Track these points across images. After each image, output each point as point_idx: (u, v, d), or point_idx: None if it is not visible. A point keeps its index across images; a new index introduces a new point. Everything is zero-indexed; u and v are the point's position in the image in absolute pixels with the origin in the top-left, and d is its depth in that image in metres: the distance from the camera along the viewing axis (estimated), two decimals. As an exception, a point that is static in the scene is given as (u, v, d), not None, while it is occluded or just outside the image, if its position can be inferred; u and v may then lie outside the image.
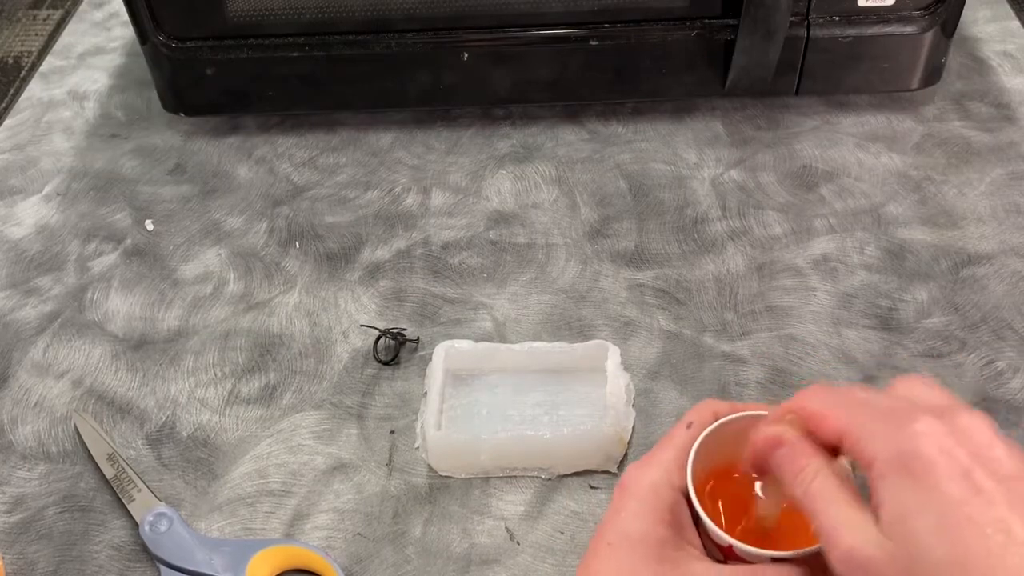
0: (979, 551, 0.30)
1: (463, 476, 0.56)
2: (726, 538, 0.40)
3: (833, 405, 0.37)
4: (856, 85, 0.74)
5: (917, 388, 0.37)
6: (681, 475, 0.42)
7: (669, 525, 0.41)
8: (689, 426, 0.43)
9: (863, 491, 0.35)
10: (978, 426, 0.33)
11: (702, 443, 0.42)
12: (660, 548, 0.41)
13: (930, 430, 0.33)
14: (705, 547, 0.42)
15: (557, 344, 0.60)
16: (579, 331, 0.63)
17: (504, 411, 0.57)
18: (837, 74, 0.73)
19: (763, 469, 0.40)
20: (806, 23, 0.70)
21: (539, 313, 0.65)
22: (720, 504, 0.44)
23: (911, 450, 0.33)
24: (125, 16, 0.71)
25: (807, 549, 0.39)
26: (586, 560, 0.42)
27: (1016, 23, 0.87)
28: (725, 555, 0.42)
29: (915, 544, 0.32)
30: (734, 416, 0.43)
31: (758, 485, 0.43)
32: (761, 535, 0.42)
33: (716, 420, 0.43)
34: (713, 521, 0.41)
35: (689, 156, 0.76)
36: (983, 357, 0.61)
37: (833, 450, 0.37)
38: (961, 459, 0.32)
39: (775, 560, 0.40)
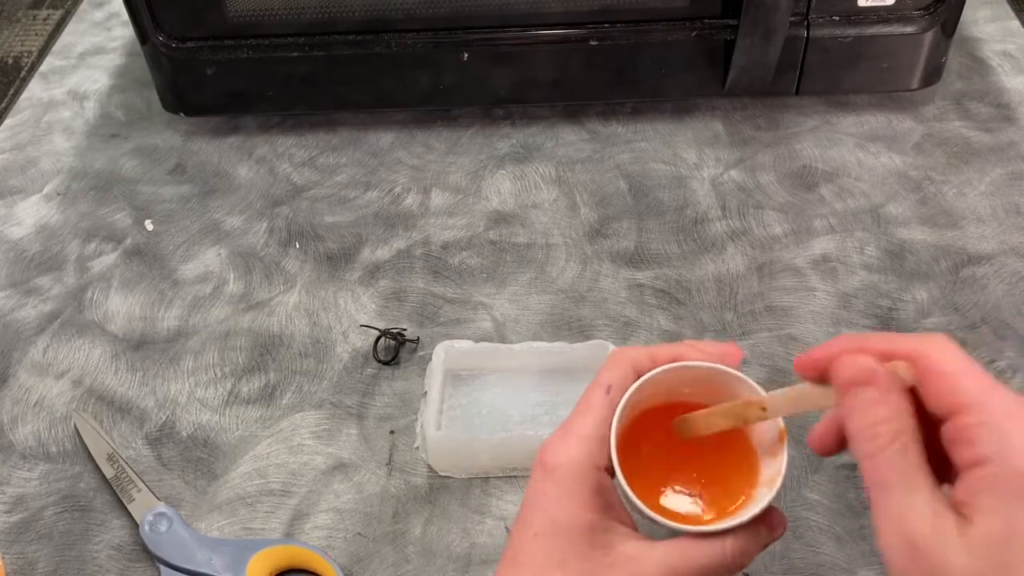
0: None
1: (463, 476, 0.56)
2: (657, 518, 0.39)
3: (967, 371, 0.32)
4: (856, 85, 0.74)
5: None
6: (604, 450, 0.39)
7: (596, 508, 0.39)
8: (608, 390, 0.40)
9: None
10: None
11: (625, 407, 0.40)
12: (589, 533, 0.39)
13: None
14: (633, 516, 0.41)
15: (557, 344, 0.60)
16: (579, 331, 0.63)
17: (504, 411, 0.57)
18: (837, 74, 0.73)
19: (810, 377, 0.35)
20: (806, 23, 0.70)
21: (539, 313, 0.65)
22: (646, 455, 0.41)
23: None
24: (125, 16, 0.71)
25: (739, 519, 0.38)
26: (512, 546, 0.40)
27: (1016, 23, 0.87)
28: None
29: (1008, 573, 0.29)
30: (656, 372, 0.40)
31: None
32: (694, 478, 0.41)
33: (637, 377, 0.40)
34: (641, 477, 0.39)
35: (689, 156, 0.76)
36: (983, 357, 0.61)
37: (925, 418, 0.32)
38: None
39: (708, 534, 0.39)
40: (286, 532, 0.54)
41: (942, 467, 0.32)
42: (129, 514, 0.55)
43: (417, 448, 0.57)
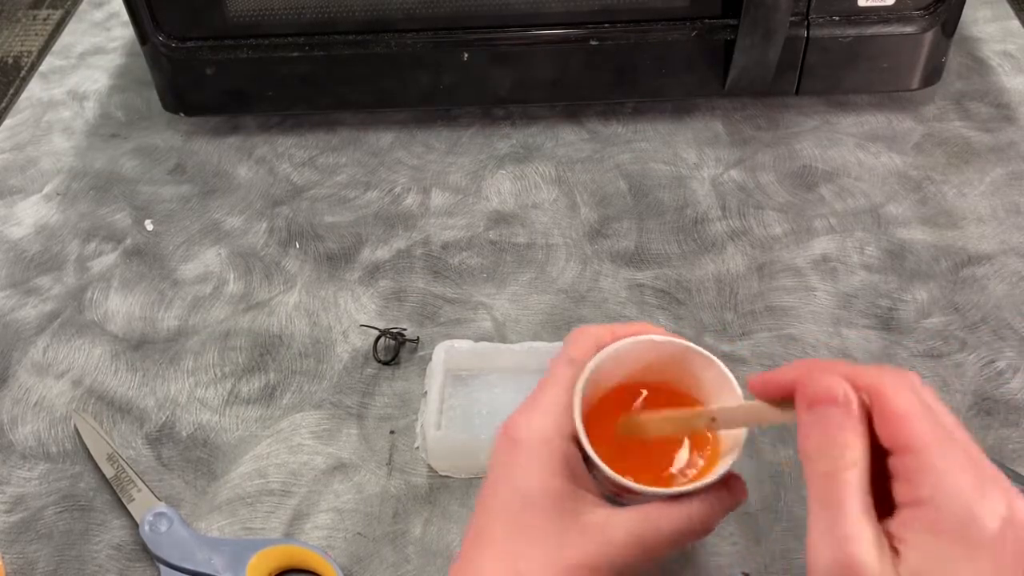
0: None
1: (463, 476, 0.56)
2: (622, 481, 0.39)
3: (918, 413, 0.33)
4: (856, 85, 0.74)
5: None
6: (569, 419, 0.40)
7: (562, 476, 0.40)
8: (571, 362, 0.41)
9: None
10: None
11: (588, 379, 0.41)
12: (555, 502, 0.39)
13: (1006, 512, 0.30)
14: (600, 487, 0.41)
15: (557, 344, 0.60)
16: (579, 331, 0.63)
17: (504, 411, 0.57)
18: (837, 74, 0.73)
19: (769, 396, 0.37)
20: (806, 23, 0.70)
21: (539, 313, 0.65)
22: (611, 432, 0.42)
23: (982, 520, 0.30)
24: (125, 16, 0.71)
25: (704, 481, 0.39)
26: (478, 521, 0.40)
27: (1016, 23, 0.87)
28: (620, 493, 0.41)
29: None
30: (619, 345, 0.42)
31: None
32: (656, 453, 0.42)
33: (598, 350, 0.41)
34: (606, 450, 0.40)
35: (689, 156, 0.76)
36: (983, 357, 0.61)
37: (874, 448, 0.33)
38: (1008, 552, 0.30)
39: (672, 496, 0.40)
40: (286, 532, 0.54)
41: (879, 500, 0.33)
42: (129, 514, 0.55)
43: (417, 448, 0.57)
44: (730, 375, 0.42)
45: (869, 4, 0.69)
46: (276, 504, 0.56)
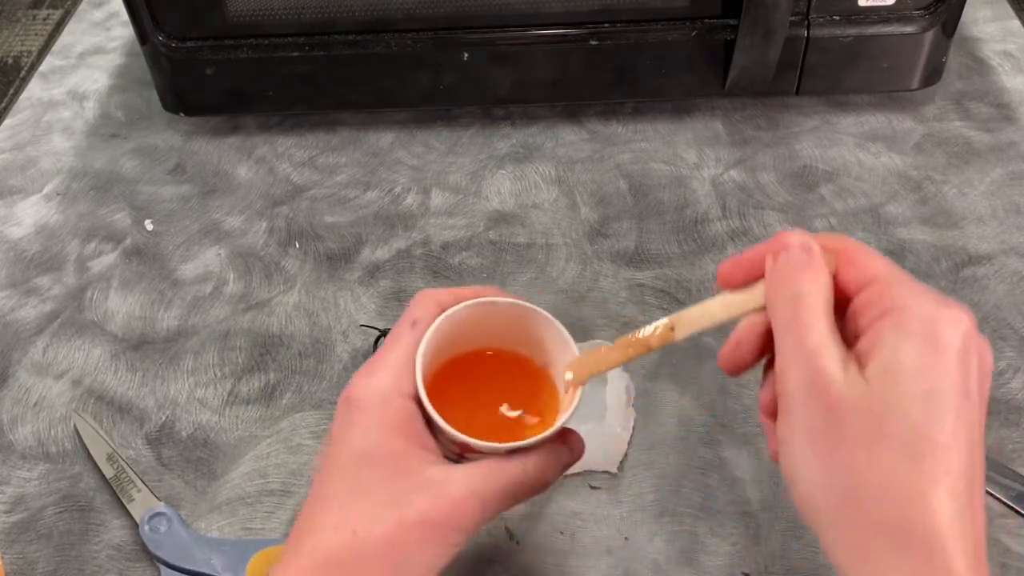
0: (945, 440, 0.30)
1: (463, 476, 0.56)
2: (461, 437, 0.39)
3: (879, 257, 0.35)
4: (856, 85, 0.74)
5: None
6: (410, 379, 0.40)
7: (402, 435, 0.40)
8: (414, 324, 0.41)
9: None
10: (990, 353, 0.33)
11: (430, 340, 0.41)
12: (394, 460, 0.39)
13: (967, 327, 0.32)
14: (441, 448, 0.41)
15: (557, 344, 0.60)
16: (579, 331, 0.63)
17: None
18: (837, 74, 0.73)
19: (738, 278, 0.38)
20: (806, 23, 0.70)
21: (539, 313, 0.65)
22: (459, 393, 0.42)
23: (943, 326, 0.31)
24: (125, 16, 0.71)
25: (541, 435, 0.40)
26: (317, 488, 0.40)
27: (1016, 23, 0.87)
28: (463, 452, 0.41)
29: (893, 402, 0.31)
30: (460, 307, 0.42)
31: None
32: (499, 416, 0.42)
33: (442, 312, 0.42)
34: (454, 414, 0.40)
35: (689, 156, 0.76)
36: (983, 357, 0.61)
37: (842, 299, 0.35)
38: (972, 364, 0.31)
39: (511, 451, 0.40)
40: (286, 532, 0.54)
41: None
42: (129, 514, 0.55)
43: (417, 448, 0.57)
44: (567, 334, 0.42)
45: (869, 4, 0.69)
46: (276, 504, 0.56)
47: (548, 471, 0.41)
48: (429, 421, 0.40)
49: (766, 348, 0.38)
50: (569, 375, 0.42)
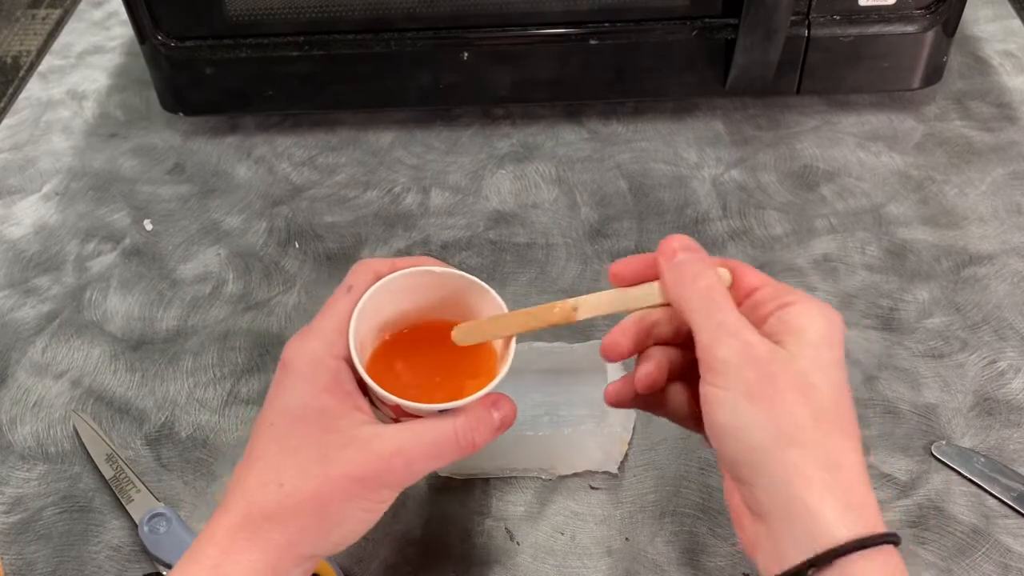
0: (848, 400, 0.38)
1: (463, 476, 0.56)
2: (391, 397, 0.41)
3: (757, 271, 0.42)
4: (857, 84, 0.74)
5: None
6: (344, 343, 0.41)
7: (332, 395, 0.41)
8: (350, 290, 0.43)
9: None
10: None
11: (365, 305, 0.42)
12: (323, 419, 0.40)
13: (840, 317, 0.40)
14: (379, 416, 0.43)
15: (557, 344, 0.60)
16: (579, 331, 0.63)
17: (504, 411, 0.57)
18: (838, 73, 0.73)
19: (627, 277, 0.43)
20: (807, 22, 0.69)
21: (539, 313, 0.65)
22: (399, 362, 0.43)
23: (833, 316, 0.40)
24: (124, 15, 0.71)
25: (470, 397, 0.42)
26: (249, 448, 0.41)
27: (1017, 22, 0.87)
28: (396, 415, 0.42)
29: (813, 364, 0.38)
30: (397, 274, 0.43)
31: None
32: (444, 385, 0.43)
33: (378, 280, 0.43)
34: (394, 382, 0.41)
35: (690, 156, 0.76)
36: (984, 357, 0.60)
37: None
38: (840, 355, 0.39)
39: (441, 412, 0.42)
40: (285, 533, 0.54)
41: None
42: (128, 515, 0.54)
43: (417, 448, 0.57)
44: (502, 302, 0.44)
45: (870, 3, 0.69)
46: (275, 505, 0.55)
47: (477, 432, 0.42)
48: (364, 386, 0.42)
49: (644, 341, 0.43)
50: (455, 334, 0.43)
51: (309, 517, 0.39)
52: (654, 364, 0.43)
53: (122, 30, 0.92)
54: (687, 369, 0.44)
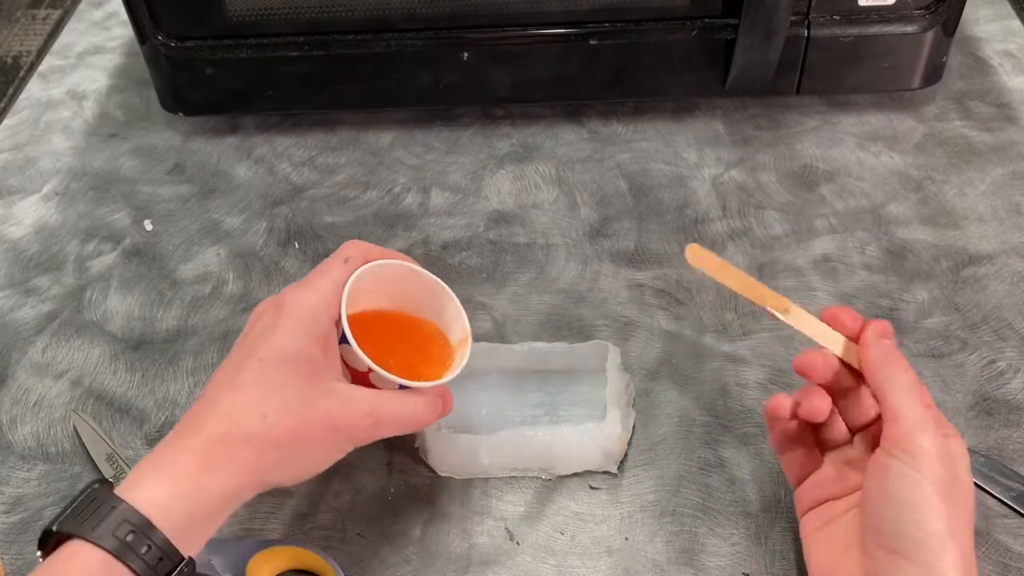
0: (961, 516, 0.42)
1: (463, 476, 0.56)
2: (368, 362, 0.46)
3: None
4: (857, 84, 0.74)
5: None
6: (336, 306, 0.46)
7: (321, 347, 0.45)
8: (346, 261, 0.48)
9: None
10: None
11: (357, 279, 0.47)
12: (310, 366, 0.45)
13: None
14: (346, 374, 0.47)
15: (557, 344, 0.60)
16: (579, 331, 0.63)
17: (504, 411, 0.57)
18: (838, 73, 0.73)
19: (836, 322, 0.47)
20: (807, 22, 0.70)
21: (539, 313, 0.65)
22: (367, 337, 0.47)
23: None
24: (124, 15, 0.71)
25: (433, 382, 0.48)
26: (229, 373, 0.45)
27: (1017, 22, 0.87)
28: (358, 380, 0.47)
29: (947, 473, 0.42)
30: (384, 262, 0.49)
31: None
32: (398, 367, 0.48)
33: (368, 262, 0.48)
34: (367, 350, 0.46)
35: (689, 156, 0.76)
36: (984, 357, 0.61)
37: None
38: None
39: (402, 387, 0.47)
40: (286, 532, 0.54)
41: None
42: (128, 515, 0.54)
43: (417, 448, 0.57)
44: (461, 310, 0.51)
45: (870, 3, 0.69)
46: (276, 504, 0.55)
47: (426, 414, 0.48)
48: (344, 344, 0.46)
49: (827, 379, 0.47)
50: (690, 251, 0.47)
51: (283, 450, 0.43)
52: (824, 403, 0.46)
53: (122, 30, 0.92)
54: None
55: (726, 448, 0.57)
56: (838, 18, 0.70)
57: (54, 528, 0.40)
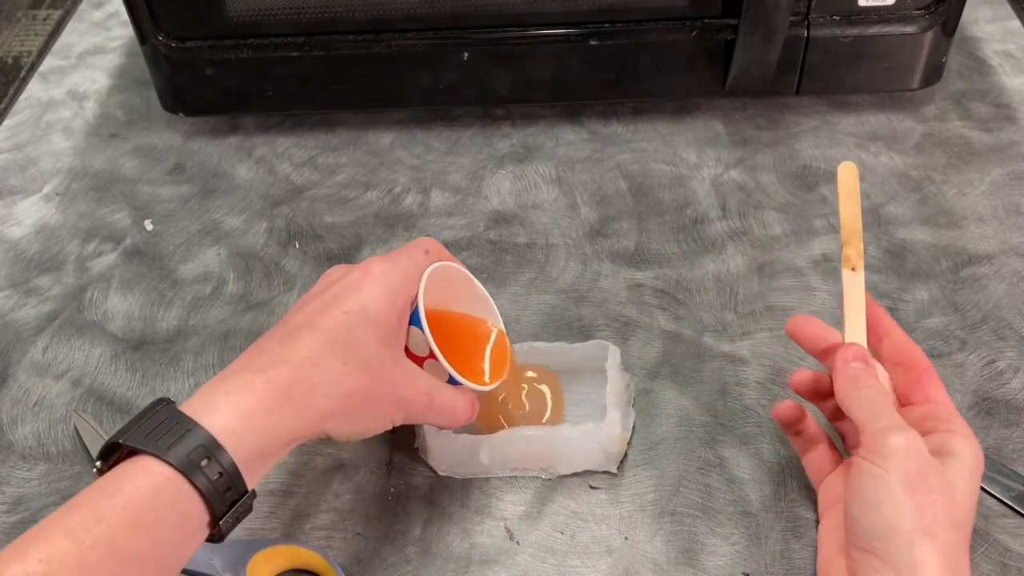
0: (961, 517, 0.43)
1: (463, 476, 0.56)
2: (434, 348, 0.48)
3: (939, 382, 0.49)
4: (856, 85, 0.74)
5: None
6: (415, 286, 0.48)
7: (397, 319, 0.47)
8: (427, 252, 0.50)
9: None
10: None
11: (434, 271, 0.50)
12: (387, 332, 0.46)
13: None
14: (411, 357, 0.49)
15: (557, 344, 0.60)
16: (579, 331, 0.63)
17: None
18: (837, 74, 0.73)
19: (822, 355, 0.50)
20: (806, 23, 0.70)
21: (539, 313, 0.65)
22: (437, 333, 0.49)
23: (981, 455, 0.45)
24: (124, 16, 0.71)
25: (482, 387, 0.50)
26: (310, 316, 0.45)
27: (1017, 23, 0.87)
28: (421, 362, 0.49)
29: (958, 483, 0.43)
30: (453, 264, 0.52)
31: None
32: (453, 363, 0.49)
33: (439, 261, 0.51)
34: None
35: (689, 156, 0.76)
36: (983, 357, 0.61)
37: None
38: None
39: (451, 382, 0.49)
40: (286, 532, 0.54)
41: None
42: (129, 514, 0.54)
43: (417, 448, 0.57)
44: (498, 314, 0.55)
45: (869, 4, 0.69)
46: (276, 504, 0.56)
47: (465, 413, 0.50)
48: (415, 324, 0.48)
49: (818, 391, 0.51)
50: (845, 170, 0.50)
51: (352, 403, 0.44)
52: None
53: (122, 31, 0.92)
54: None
55: (726, 448, 0.57)
56: (838, 18, 0.70)
57: (121, 441, 0.39)
